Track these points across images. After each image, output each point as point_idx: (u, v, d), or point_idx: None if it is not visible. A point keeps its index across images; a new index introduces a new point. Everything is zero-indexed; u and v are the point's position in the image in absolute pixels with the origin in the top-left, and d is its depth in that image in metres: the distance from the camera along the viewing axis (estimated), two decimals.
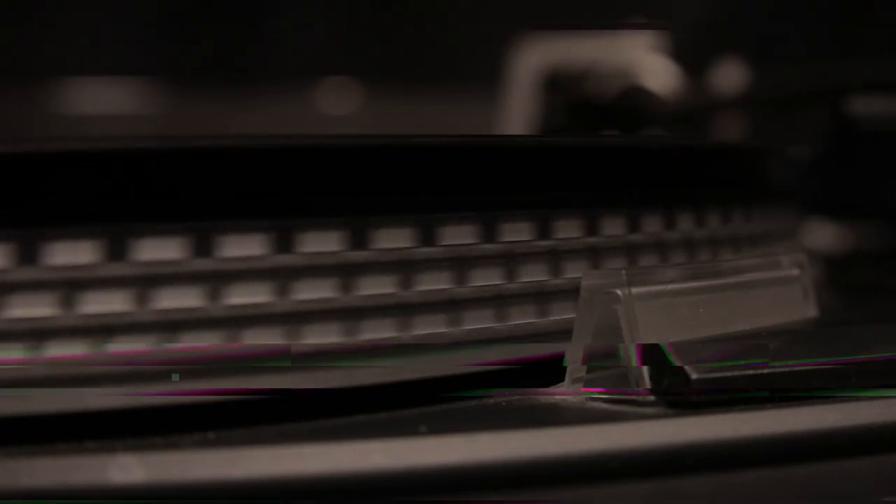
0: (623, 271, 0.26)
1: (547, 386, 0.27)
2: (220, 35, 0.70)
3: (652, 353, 0.25)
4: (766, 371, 0.25)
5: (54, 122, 0.64)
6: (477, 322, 0.26)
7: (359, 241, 0.25)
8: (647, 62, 0.51)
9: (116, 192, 0.23)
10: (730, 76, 0.48)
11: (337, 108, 0.66)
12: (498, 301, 0.26)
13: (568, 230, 0.27)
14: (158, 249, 0.24)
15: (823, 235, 0.50)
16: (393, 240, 0.25)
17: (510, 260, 0.26)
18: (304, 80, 0.67)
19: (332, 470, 0.22)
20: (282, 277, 0.24)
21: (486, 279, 0.26)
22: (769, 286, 0.29)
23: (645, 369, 0.25)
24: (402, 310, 0.25)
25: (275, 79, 0.67)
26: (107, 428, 0.23)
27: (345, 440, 0.23)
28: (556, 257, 0.27)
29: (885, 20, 0.57)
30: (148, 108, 0.65)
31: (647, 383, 0.25)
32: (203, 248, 0.24)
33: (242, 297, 0.24)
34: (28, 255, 0.23)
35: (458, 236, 0.26)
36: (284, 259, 0.24)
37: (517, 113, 0.52)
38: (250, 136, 0.25)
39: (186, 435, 0.23)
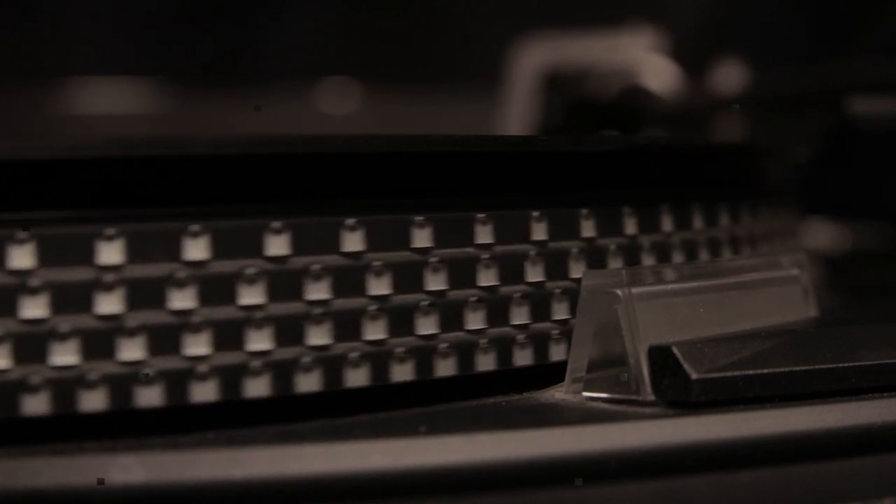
0: (623, 271, 0.26)
1: (547, 386, 0.27)
2: (220, 35, 0.70)
3: (652, 354, 0.25)
4: (766, 371, 0.25)
5: (56, 122, 0.64)
6: (477, 324, 0.26)
7: (350, 244, 0.25)
8: (647, 62, 0.51)
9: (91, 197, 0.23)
10: (730, 76, 0.48)
11: (337, 108, 0.66)
12: (497, 303, 0.26)
13: (568, 231, 0.27)
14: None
15: (823, 235, 0.50)
16: (389, 242, 0.25)
17: (509, 261, 0.26)
18: (304, 80, 0.67)
19: (332, 470, 0.22)
20: (284, 279, 0.24)
21: (485, 280, 0.26)
22: (769, 286, 0.29)
23: (645, 369, 0.25)
24: (403, 313, 0.25)
25: (275, 79, 0.67)
26: (107, 428, 0.23)
27: (345, 440, 0.23)
28: (556, 258, 0.27)
29: (885, 20, 0.57)
30: (148, 108, 0.65)
31: (648, 383, 0.25)
32: (181, 251, 0.24)
33: (243, 299, 0.24)
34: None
35: (458, 238, 0.26)
36: (282, 259, 0.24)
37: (517, 113, 0.52)
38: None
39: (186, 435, 0.23)
